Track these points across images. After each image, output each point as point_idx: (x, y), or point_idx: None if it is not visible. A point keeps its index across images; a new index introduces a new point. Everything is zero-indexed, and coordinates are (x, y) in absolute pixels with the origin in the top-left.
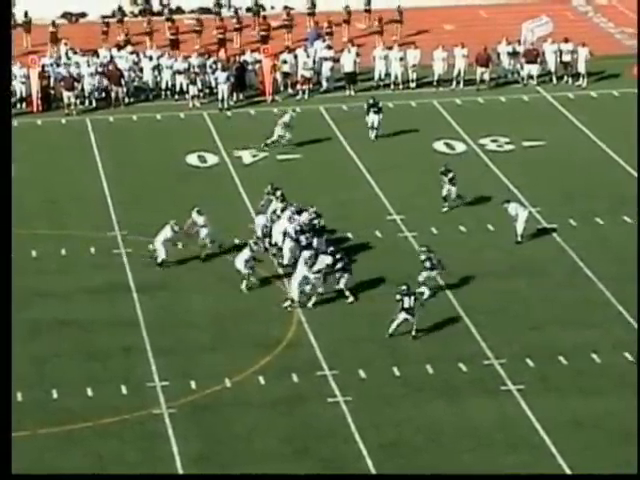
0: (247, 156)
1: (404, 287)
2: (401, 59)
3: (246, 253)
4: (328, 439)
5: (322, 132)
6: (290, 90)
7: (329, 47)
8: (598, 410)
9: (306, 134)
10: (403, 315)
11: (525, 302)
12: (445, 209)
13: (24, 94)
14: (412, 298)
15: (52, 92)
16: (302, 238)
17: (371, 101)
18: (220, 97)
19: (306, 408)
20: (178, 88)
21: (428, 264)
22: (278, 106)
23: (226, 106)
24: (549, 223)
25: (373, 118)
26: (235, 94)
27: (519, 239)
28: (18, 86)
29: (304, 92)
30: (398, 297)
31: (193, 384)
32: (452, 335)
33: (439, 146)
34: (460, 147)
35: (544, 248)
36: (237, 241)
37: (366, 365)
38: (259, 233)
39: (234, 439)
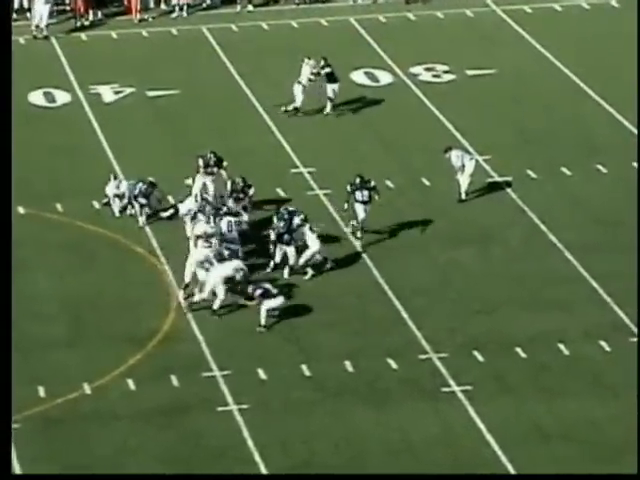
0: (108, 92)
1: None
2: None
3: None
4: (219, 459)
5: (206, 60)
6: (163, 6)
7: None
8: (567, 417)
9: (185, 63)
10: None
11: (471, 278)
12: (359, 240)
13: None
14: None
15: None
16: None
17: (329, 69)
18: (35, 22)
19: (189, 420)
20: (17, 5)
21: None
22: (147, 27)
23: (78, 25)
24: (501, 176)
25: (330, 88)
26: (92, 12)
27: (463, 196)
28: None
29: (181, 8)
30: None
31: (42, 391)
32: (377, 322)
33: (358, 77)
34: (385, 78)
35: (495, 208)
36: (97, 205)
37: (267, 363)
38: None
39: (97, 461)
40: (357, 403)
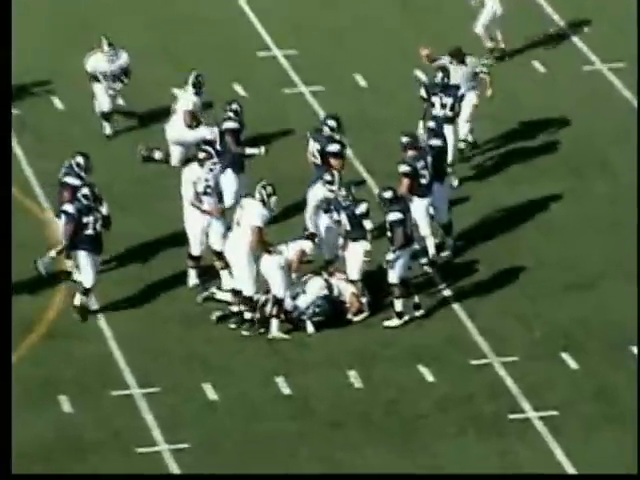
0: None
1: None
2: None
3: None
4: None
5: None
6: None
7: None
8: None
9: None
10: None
11: (556, 232)
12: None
13: None
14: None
15: None
16: None
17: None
18: None
19: (90, 467)
20: None
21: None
22: None
23: None
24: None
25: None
26: None
27: (466, 140)
28: None
29: None
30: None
31: None
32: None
33: None
34: None
35: (601, 114)
36: None
37: (220, 375)
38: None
39: None
40: (369, 439)
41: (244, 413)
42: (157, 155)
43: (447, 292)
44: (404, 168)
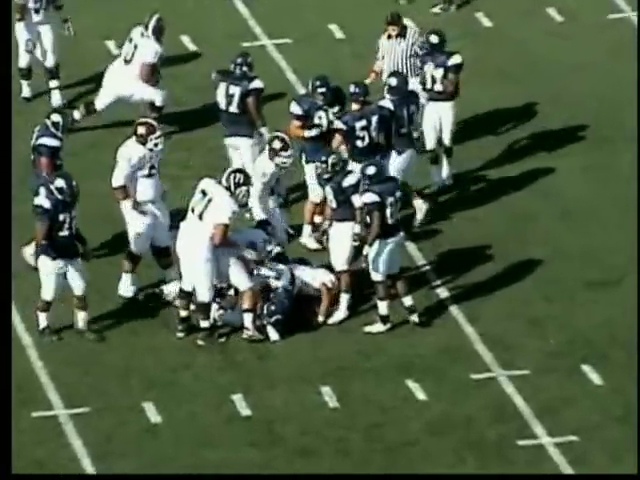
0: None
1: None
2: None
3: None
4: None
5: None
6: None
7: None
8: None
9: None
10: None
11: (577, 216)
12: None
13: None
14: None
15: None
16: None
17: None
18: None
19: None
20: None
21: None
22: None
23: None
24: None
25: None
26: None
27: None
28: None
29: None
30: None
31: None
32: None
33: None
34: None
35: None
36: None
37: (167, 392)
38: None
39: None
40: (347, 470)
41: (193, 438)
42: (77, 115)
43: (443, 291)
44: (337, 124)
